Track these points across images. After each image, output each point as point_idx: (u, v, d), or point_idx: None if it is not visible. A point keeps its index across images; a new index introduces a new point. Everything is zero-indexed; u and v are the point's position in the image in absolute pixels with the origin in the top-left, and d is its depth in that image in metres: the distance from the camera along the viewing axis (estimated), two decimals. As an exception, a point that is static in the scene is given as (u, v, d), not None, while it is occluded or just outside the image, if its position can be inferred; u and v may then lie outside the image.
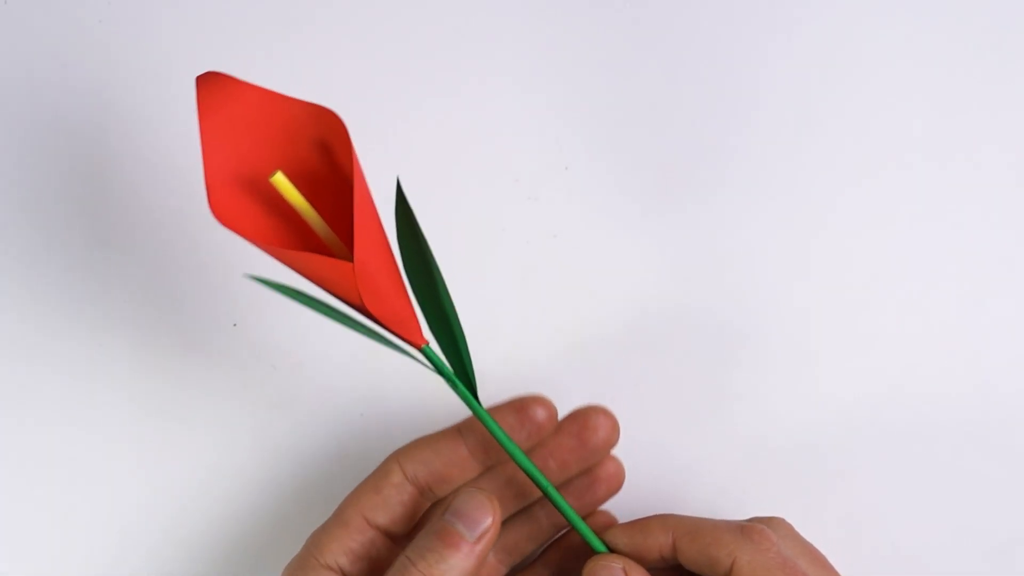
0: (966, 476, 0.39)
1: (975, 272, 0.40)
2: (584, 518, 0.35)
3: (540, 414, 0.34)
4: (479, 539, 0.31)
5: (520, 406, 0.34)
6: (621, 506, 0.37)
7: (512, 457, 0.32)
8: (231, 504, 0.39)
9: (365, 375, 0.39)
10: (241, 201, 0.32)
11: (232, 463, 0.39)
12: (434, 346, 0.33)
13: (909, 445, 0.39)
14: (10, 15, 0.40)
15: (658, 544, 0.33)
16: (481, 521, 0.31)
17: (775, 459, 0.39)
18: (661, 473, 0.39)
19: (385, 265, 0.31)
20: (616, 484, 0.36)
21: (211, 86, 0.32)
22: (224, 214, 0.31)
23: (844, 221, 0.41)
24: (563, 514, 0.33)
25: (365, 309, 0.31)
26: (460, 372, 0.33)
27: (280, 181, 0.31)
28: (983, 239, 0.40)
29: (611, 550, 0.33)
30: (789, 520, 0.34)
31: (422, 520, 0.35)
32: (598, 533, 0.34)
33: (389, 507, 0.33)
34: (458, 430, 0.34)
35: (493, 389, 0.40)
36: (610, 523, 0.36)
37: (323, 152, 0.33)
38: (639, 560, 0.33)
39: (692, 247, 0.40)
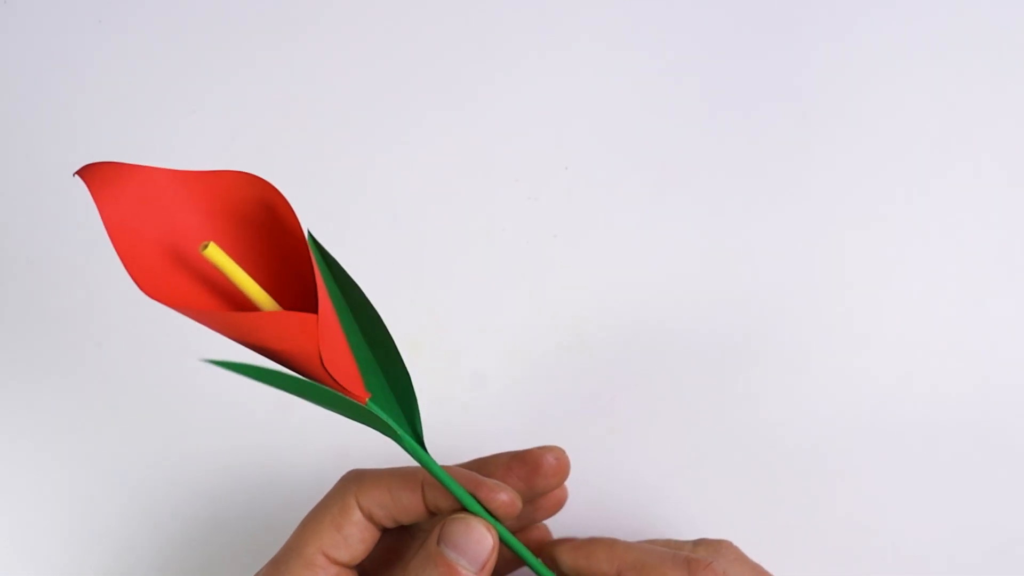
0: (966, 476, 0.39)
1: (975, 272, 0.40)
2: (516, 533, 0.35)
3: (503, 497, 0.32)
4: (481, 570, 0.31)
5: (487, 489, 0.33)
6: (628, 502, 0.37)
7: (464, 505, 0.32)
8: (231, 504, 0.39)
9: (365, 375, 0.39)
10: (173, 277, 0.30)
11: (232, 463, 0.39)
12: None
13: (909, 445, 0.39)
14: (10, 15, 0.40)
15: (602, 573, 0.32)
16: (482, 554, 0.31)
17: (775, 459, 0.39)
18: (662, 470, 0.39)
19: (333, 320, 0.30)
20: (556, 508, 0.36)
21: (101, 177, 0.29)
22: (160, 292, 0.29)
23: (845, 222, 0.41)
24: (515, 551, 0.33)
25: (319, 367, 0.29)
26: (408, 419, 0.32)
27: (214, 253, 0.29)
28: (983, 239, 0.40)
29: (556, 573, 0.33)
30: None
31: (380, 547, 0.34)
32: (539, 546, 0.34)
33: (350, 545, 0.32)
34: (420, 482, 0.33)
35: (494, 389, 0.40)
36: (544, 536, 0.36)
37: (238, 219, 0.31)
38: None
39: (692, 247, 0.40)
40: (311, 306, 0.29)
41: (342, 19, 0.41)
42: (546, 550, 0.34)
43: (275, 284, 0.31)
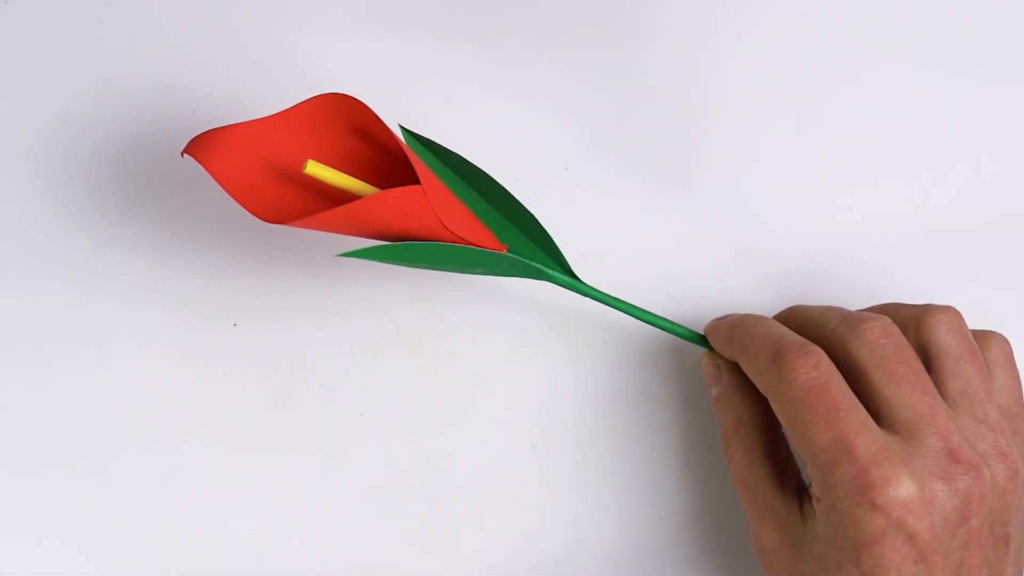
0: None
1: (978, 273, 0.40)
2: None
3: None
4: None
5: None
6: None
7: (631, 314, 0.36)
8: (229, 506, 0.39)
9: (365, 375, 0.39)
10: (291, 206, 0.33)
11: (231, 464, 0.39)
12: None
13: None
14: (10, 15, 0.40)
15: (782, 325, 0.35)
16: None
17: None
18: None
19: (445, 192, 0.33)
20: None
21: (203, 148, 0.32)
22: (280, 219, 0.32)
23: (848, 221, 0.41)
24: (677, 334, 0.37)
25: (445, 232, 0.32)
26: (555, 260, 0.35)
27: (314, 167, 0.32)
28: (984, 242, 0.41)
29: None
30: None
31: None
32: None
33: None
34: None
35: (494, 387, 0.40)
36: None
37: (345, 141, 0.34)
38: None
39: (693, 248, 0.40)
40: (431, 177, 0.32)
41: (338, 15, 0.41)
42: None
43: (383, 183, 0.34)
